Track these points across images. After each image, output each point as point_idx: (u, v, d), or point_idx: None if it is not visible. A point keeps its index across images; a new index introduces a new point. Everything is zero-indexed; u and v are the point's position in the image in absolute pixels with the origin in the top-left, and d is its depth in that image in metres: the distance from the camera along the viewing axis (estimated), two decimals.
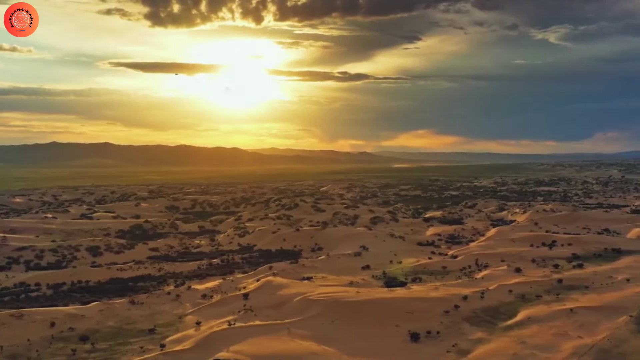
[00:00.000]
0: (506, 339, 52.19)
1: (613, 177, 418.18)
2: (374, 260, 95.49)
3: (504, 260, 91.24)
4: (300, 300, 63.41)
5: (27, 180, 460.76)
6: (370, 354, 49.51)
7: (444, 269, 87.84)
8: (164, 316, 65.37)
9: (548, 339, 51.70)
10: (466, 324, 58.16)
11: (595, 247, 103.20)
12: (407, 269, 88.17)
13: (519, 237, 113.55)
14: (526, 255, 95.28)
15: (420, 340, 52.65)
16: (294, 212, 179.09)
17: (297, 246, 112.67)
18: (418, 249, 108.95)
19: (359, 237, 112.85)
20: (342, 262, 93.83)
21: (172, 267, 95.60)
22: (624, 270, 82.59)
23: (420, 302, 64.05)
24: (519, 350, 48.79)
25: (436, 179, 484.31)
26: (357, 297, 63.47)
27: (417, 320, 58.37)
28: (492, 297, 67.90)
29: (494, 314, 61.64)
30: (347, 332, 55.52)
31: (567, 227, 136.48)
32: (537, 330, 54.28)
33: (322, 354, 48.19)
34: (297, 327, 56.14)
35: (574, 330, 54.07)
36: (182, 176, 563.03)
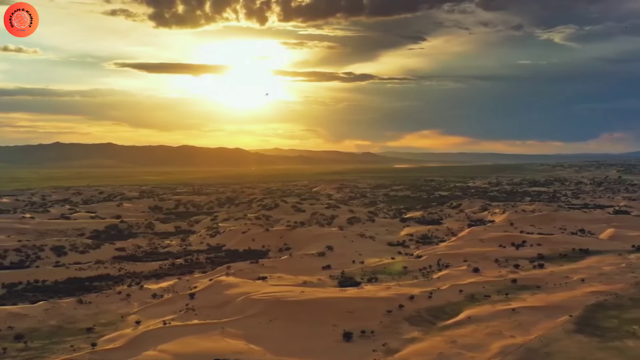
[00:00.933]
0: (439, 339, 52.29)
1: (609, 178, 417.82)
2: (337, 260, 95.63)
3: (466, 260, 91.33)
4: (243, 299, 63.56)
5: (25, 180, 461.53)
6: (298, 353, 49.61)
7: (405, 269, 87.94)
8: (107, 315, 65.50)
9: (480, 338, 51.80)
10: (405, 323, 58.26)
11: (563, 248, 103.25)
12: (367, 269, 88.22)
13: (490, 237, 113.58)
14: (491, 256, 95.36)
15: (352, 340, 52.74)
16: (274, 212, 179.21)
17: (265, 246, 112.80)
18: (386, 249, 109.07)
19: (327, 238, 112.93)
20: (303, 262, 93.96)
21: (134, 267, 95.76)
22: (583, 270, 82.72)
23: (364, 302, 64.19)
24: (447, 350, 48.89)
25: (432, 179, 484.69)
26: (299, 297, 63.57)
27: (356, 320, 58.48)
28: (441, 297, 68.04)
29: (437, 313, 61.72)
30: (282, 331, 55.66)
31: (544, 227, 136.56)
32: (473, 330, 54.37)
33: (246, 353, 48.30)
34: (232, 326, 56.26)
35: (510, 329, 54.16)
36: (180, 176, 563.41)
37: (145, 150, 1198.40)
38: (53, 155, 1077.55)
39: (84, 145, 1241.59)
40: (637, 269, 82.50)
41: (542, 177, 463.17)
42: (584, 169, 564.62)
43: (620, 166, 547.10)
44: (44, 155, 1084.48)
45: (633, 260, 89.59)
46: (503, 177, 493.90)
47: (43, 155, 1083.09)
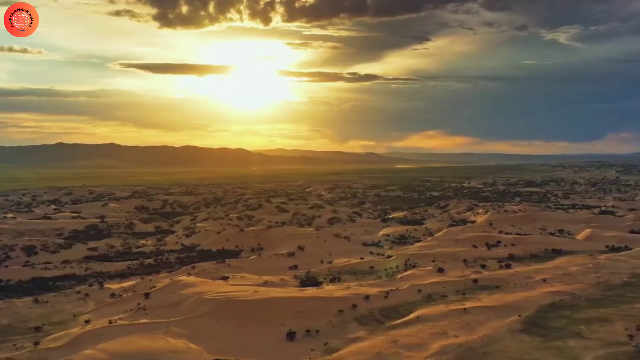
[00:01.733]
0: (381, 338, 52.46)
1: (607, 178, 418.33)
2: (306, 260, 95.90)
3: (434, 260, 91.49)
4: (195, 299, 63.77)
5: (23, 180, 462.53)
6: (238, 352, 49.75)
7: (371, 269, 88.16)
8: (60, 315, 65.76)
9: (423, 338, 51.95)
10: (354, 323, 58.48)
11: (536, 248, 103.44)
12: (334, 269, 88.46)
13: (465, 237, 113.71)
14: (461, 256, 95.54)
15: (295, 339, 52.97)
16: (258, 212, 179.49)
17: (239, 246, 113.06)
18: (359, 249, 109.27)
19: (301, 238, 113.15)
20: (271, 262, 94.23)
21: (101, 267, 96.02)
22: (548, 270, 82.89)
23: (317, 302, 64.42)
24: (386, 349, 49.05)
25: (428, 179, 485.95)
26: (252, 297, 63.79)
27: (306, 320, 58.73)
28: (397, 297, 68.23)
29: (389, 313, 61.92)
30: (227, 330, 55.89)
31: (524, 227, 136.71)
32: (418, 330, 54.54)
33: (183, 352, 48.52)
34: (178, 325, 56.49)
35: (456, 329, 54.31)
36: (180, 177, 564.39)
37: (148, 151, 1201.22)
38: (56, 156, 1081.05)
39: (87, 145, 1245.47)
40: (602, 269, 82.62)
41: (539, 178, 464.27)
42: (584, 169, 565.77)
43: (621, 167, 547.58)
44: (47, 155, 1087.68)
45: (601, 261, 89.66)
46: (501, 177, 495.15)
47: (46, 155, 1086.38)
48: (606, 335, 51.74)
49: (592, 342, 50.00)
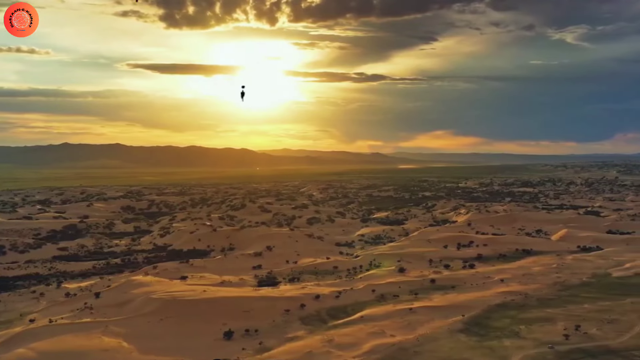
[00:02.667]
0: (318, 338, 52.65)
1: (605, 178, 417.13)
2: (271, 260, 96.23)
3: (399, 260, 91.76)
4: (143, 299, 64.08)
5: (23, 180, 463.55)
6: (171, 351, 50.00)
7: (335, 269, 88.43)
8: (8, 314, 66.15)
9: (360, 337, 52.10)
10: (297, 323, 58.71)
11: (507, 248, 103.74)
12: (297, 268, 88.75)
13: (438, 237, 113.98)
14: (428, 256, 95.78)
15: (232, 339, 53.22)
16: (240, 212, 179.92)
17: (210, 246, 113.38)
18: (331, 249, 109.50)
19: (273, 238, 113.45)
20: (237, 262, 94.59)
21: (66, 267, 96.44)
22: (510, 271, 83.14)
23: (266, 302, 64.73)
24: (318, 349, 49.24)
25: (426, 180, 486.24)
26: (199, 296, 64.11)
27: (249, 319, 59.03)
28: (349, 297, 68.53)
29: (336, 313, 62.15)
30: (167, 329, 56.17)
31: (502, 228, 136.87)
32: (357, 330, 54.72)
33: (112, 350, 48.83)
34: (119, 324, 56.79)
35: (395, 329, 54.47)
36: (181, 177, 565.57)
37: (153, 151, 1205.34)
38: (61, 156, 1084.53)
39: (92, 145, 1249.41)
40: (565, 270, 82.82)
41: (538, 178, 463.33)
42: (586, 169, 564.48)
43: (624, 167, 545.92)
44: (52, 156, 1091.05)
45: (567, 261, 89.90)
46: (500, 177, 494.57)
47: (51, 156, 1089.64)
48: (543, 335, 51.94)
49: (527, 342, 50.18)
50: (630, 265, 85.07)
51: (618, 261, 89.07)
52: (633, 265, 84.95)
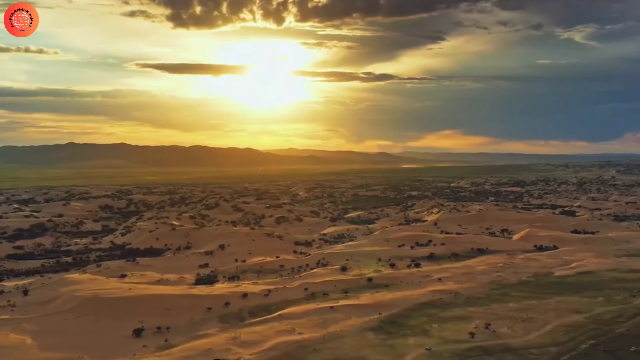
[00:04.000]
0: (225, 336, 53.18)
1: (602, 178, 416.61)
2: (221, 259, 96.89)
3: (347, 259, 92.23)
4: (66, 296, 64.67)
5: (21, 180, 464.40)
6: (75, 348, 50.44)
7: (281, 267, 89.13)
8: None
9: (266, 335, 52.58)
10: (215, 320, 59.34)
11: (462, 247, 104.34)
12: (243, 267, 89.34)
13: (397, 237, 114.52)
14: (378, 255, 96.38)
15: (141, 336, 53.76)
16: (213, 211, 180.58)
17: (167, 245, 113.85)
18: (286, 248, 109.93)
19: (230, 237, 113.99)
20: (185, 261, 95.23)
21: (14, 265, 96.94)
22: (453, 269, 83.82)
23: (191, 300, 65.37)
24: (219, 346, 49.69)
25: (421, 179, 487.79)
26: (122, 294, 64.74)
27: (168, 317, 59.63)
28: (279, 295, 69.14)
29: (257, 311, 62.72)
30: (81, 327, 56.75)
31: (469, 227, 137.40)
32: (268, 327, 55.21)
33: (12, 347, 49.41)
34: (32, 322, 57.41)
35: (307, 327, 54.97)
36: (180, 177, 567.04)
37: (158, 151, 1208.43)
38: (66, 156, 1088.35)
39: (98, 145, 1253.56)
40: (508, 269, 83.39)
41: (534, 177, 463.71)
42: (586, 169, 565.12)
43: (625, 166, 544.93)
44: (57, 155, 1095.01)
45: (515, 260, 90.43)
46: (496, 177, 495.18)
47: (58, 155, 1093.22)
48: (450, 334, 52.46)
49: (432, 340, 50.69)
50: (576, 265, 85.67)
51: (566, 260, 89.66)
52: (579, 265, 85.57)
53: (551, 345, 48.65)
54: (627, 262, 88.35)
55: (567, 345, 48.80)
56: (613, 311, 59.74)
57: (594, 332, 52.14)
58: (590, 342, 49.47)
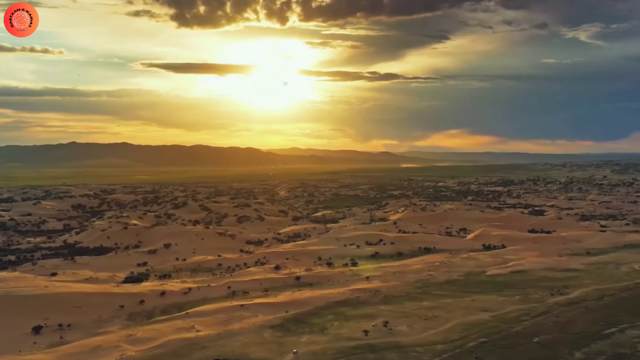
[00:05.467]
0: (122, 333, 53.79)
1: (593, 177, 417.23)
2: (163, 257, 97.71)
3: (288, 258, 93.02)
4: None
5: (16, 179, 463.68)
6: None
7: (218, 266, 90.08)
8: None
9: (163, 332, 53.13)
10: (122, 319, 60.01)
11: (410, 246, 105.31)
12: (181, 266, 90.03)
13: (349, 236, 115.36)
14: (320, 254, 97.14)
15: (40, 333, 54.38)
16: (180, 210, 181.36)
17: (117, 243, 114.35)
18: (234, 246, 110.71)
19: (180, 235, 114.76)
20: (126, 259, 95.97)
21: None
22: (388, 268, 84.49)
23: (104, 297, 66.01)
24: (111, 343, 50.17)
25: (412, 178, 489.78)
26: (35, 292, 65.30)
27: (76, 314, 60.28)
28: (199, 294, 69.87)
29: (170, 309, 63.44)
30: None
31: (429, 226, 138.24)
32: (169, 325, 55.85)
33: None
34: None
35: (209, 325, 55.52)
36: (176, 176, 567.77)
37: (160, 150, 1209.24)
38: (67, 155, 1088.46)
39: (99, 145, 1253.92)
40: (442, 268, 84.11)
41: (525, 177, 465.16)
42: (582, 168, 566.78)
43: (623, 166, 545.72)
44: (58, 155, 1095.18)
45: (455, 259, 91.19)
46: (488, 176, 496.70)
47: (57, 155, 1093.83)
48: (347, 332, 53.07)
49: (325, 337, 51.34)
50: (513, 264, 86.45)
51: (505, 259, 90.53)
52: (515, 264, 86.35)
53: (441, 343, 49.33)
54: (566, 261, 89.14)
55: (455, 343, 49.52)
56: (522, 310, 60.56)
57: (490, 331, 52.92)
58: (480, 340, 50.28)
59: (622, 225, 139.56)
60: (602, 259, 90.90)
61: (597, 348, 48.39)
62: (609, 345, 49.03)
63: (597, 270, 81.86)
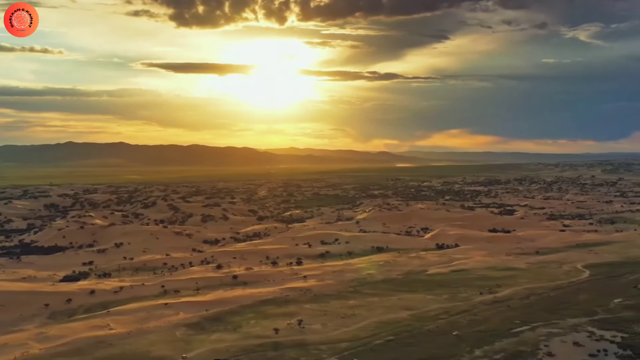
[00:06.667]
0: (36, 331, 54.33)
1: (582, 177, 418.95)
2: (111, 256, 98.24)
3: (235, 257, 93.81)
4: None
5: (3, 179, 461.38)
6: None
7: (164, 265, 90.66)
8: None
9: (75, 330, 53.63)
10: (42, 317, 60.69)
11: (362, 246, 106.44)
12: (126, 265, 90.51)
13: (305, 235, 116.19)
14: (269, 253, 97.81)
15: None
16: (149, 210, 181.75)
17: (72, 243, 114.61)
18: (189, 246, 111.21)
19: (135, 235, 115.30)
20: (72, 258, 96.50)
21: None
22: (330, 267, 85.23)
23: (31, 296, 66.51)
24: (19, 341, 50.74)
25: (399, 178, 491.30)
26: None
27: None
28: (130, 292, 70.38)
29: (94, 308, 63.93)
30: None
31: (392, 226, 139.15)
32: (85, 324, 56.50)
33: None
34: None
35: (124, 323, 55.97)
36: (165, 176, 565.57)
37: (156, 150, 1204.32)
38: (64, 155, 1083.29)
39: (97, 144, 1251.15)
40: (385, 267, 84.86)
41: (510, 177, 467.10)
42: (573, 168, 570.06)
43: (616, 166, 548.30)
44: (55, 154, 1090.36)
45: (401, 259, 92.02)
46: (477, 176, 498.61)
47: (54, 154, 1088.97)
48: (259, 330, 53.68)
49: (235, 336, 51.98)
50: (457, 263, 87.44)
51: (451, 258, 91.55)
52: (459, 263, 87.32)
53: (347, 341, 50.04)
54: (511, 260, 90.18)
55: (361, 341, 50.28)
56: (444, 308, 61.44)
57: (401, 329, 53.74)
58: (387, 338, 51.11)
59: (585, 224, 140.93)
60: (549, 258, 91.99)
61: (499, 346, 49.27)
62: (512, 343, 49.91)
63: (538, 270, 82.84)
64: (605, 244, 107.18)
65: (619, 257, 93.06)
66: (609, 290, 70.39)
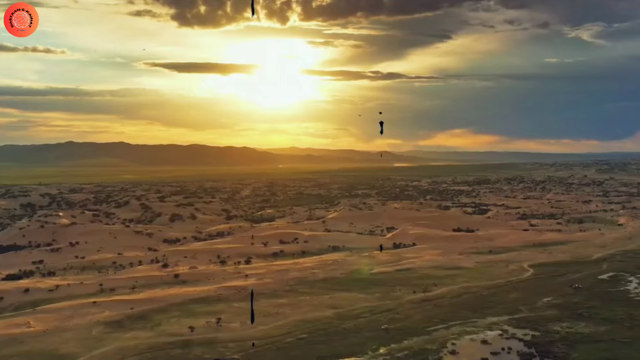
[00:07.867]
0: None
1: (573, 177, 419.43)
2: (64, 255, 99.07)
3: (186, 256, 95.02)
4: None
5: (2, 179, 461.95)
6: None
7: (113, 264, 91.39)
8: None
9: None
10: None
11: (319, 245, 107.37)
12: (75, 264, 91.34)
13: (265, 235, 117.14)
14: (222, 252, 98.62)
15: None
16: (121, 209, 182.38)
17: (32, 242, 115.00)
18: (148, 244, 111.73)
19: (94, 234, 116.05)
20: (25, 257, 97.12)
21: None
22: (276, 267, 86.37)
23: None
24: None
25: (390, 178, 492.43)
26: None
27: None
28: (66, 291, 71.13)
29: (24, 306, 64.47)
30: None
31: (359, 225, 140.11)
32: (9, 322, 57.30)
33: None
34: None
35: (48, 322, 56.76)
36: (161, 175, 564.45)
37: (155, 150, 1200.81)
38: (63, 155, 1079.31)
39: (95, 144, 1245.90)
40: (331, 267, 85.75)
41: (500, 177, 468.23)
42: (568, 167, 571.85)
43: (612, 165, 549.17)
44: (55, 154, 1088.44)
45: (349, 258, 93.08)
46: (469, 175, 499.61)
47: (54, 154, 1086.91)
48: (176, 328, 54.63)
49: (150, 334, 52.87)
50: (405, 262, 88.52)
51: (401, 257, 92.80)
52: (407, 263, 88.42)
53: (258, 339, 50.90)
54: (461, 259, 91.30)
55: (273, 339, 51.44)
56: (370, 307, 62.59)
57: (319, 327, 54.99)
58: (300, 337, 52.27)
59: (552, 224, 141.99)
60: (498, 258, 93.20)
61: (407, 344, 50.39)
62: (421, 342, 51.04)
63: (483, 269, 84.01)
64: (563, 244, 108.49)
65: (569, 257, 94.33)
66: (542, 289, 71.62)
